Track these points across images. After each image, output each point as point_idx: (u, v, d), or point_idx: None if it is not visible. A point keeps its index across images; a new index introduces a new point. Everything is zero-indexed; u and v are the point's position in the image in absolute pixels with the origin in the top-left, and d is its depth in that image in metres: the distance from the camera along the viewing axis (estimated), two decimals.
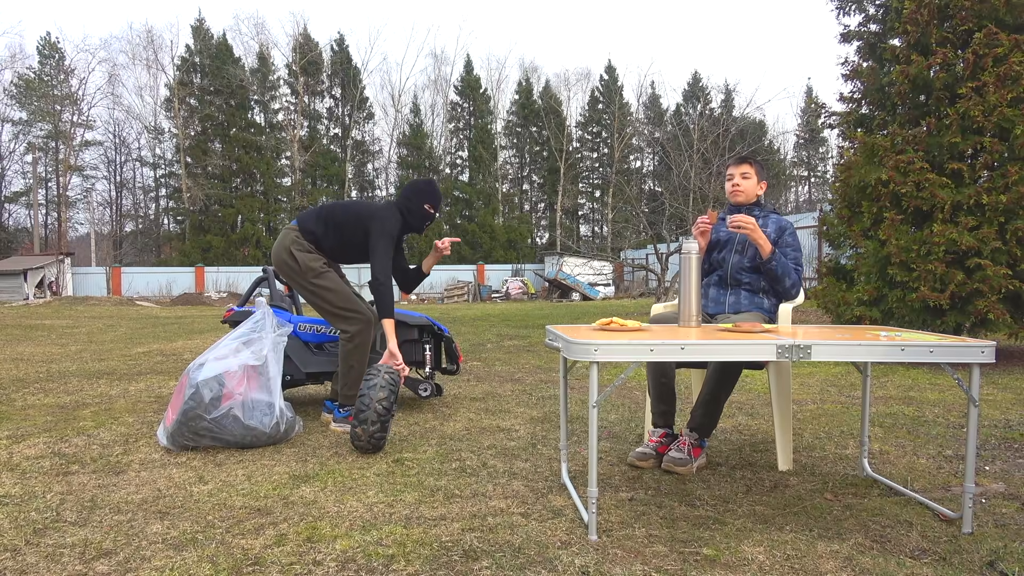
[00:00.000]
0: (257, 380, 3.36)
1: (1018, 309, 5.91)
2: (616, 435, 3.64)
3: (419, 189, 4.01)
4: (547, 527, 2.32)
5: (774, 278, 3.12)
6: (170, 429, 3.29)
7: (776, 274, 3.10)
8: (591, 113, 45.01)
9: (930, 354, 2.22)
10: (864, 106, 7.30)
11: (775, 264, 3.09)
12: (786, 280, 3.11)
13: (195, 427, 3.24)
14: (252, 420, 3.29)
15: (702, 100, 39.15)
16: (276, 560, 2.07)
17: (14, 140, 39.05)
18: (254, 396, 3.32)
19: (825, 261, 7.44)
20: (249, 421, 3.28)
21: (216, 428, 3.25)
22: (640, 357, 2.23)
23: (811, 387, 5.10)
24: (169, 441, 3.31)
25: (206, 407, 3.22)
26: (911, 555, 2.11)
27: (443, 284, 29.46)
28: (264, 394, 3.35)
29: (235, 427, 3.26)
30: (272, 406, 3.35)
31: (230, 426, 3.26)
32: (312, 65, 40.19)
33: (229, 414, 3.25)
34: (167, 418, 3.37)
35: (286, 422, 3.42)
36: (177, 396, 3.39)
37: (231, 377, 3.29)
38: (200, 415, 3.22)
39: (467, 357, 7.01)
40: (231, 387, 3.28)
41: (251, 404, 3.30)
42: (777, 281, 3.12)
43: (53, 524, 2.37)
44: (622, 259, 26.52)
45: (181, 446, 3.29)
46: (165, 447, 3.33)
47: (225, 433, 3.26)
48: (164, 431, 3.36)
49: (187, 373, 3.38)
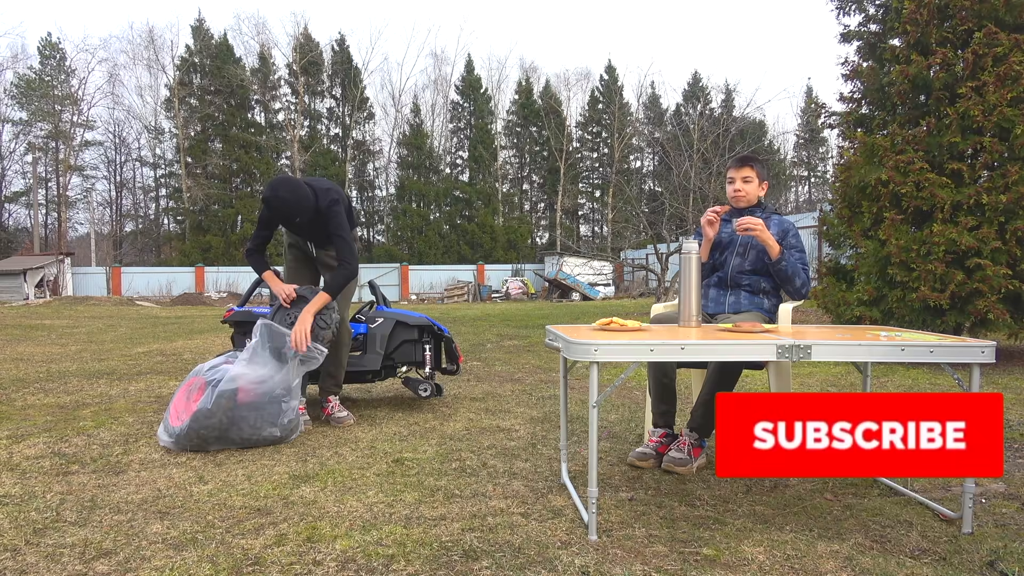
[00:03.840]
0: (268, 386, 3.37)
1: (1018, 309, 5.90)
2: (616, 435, 3.64)
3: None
4: (547, 527, 2.32)
5: (785, 278, 3.11)
6: (177, 431, 3.28)
7: (787, 274, 3.10)
8: (591, 113, 44.99)
9: (930, 354, 2.22)
10: (864, 106, 7.29)
11: (785, 264, 3.09)
12: (796, 280, 3.11)
13: (206, 435, 3.25)
14: (262, 425, 3.32)
15: (702, 100, 39.17)
16: (276, 560, 2.07)
17: (14, 140, 39.10)
18: (267, 403, 3.34)
19: (825, 261, 7.44)
20: (258, 425, 3.31)
21: (226, 434, 3.27)
22: (640, 357, 2.23)
23: (811, 387, 5.10)
24: (174, 443, 3.30)
25: (222, 415, 3.24)
26: (911, 555, 2.11)
27: (443, 284, 29.46)
28: (275, 402, 3.36)
29: (245, 431, 3.30)
30: (282, 411, 3.37)
31: (240, 431, 3.29)
32: (313, 65, 40.19)
33: (242, 421, 3.28)
34: (170, 418, 3.37)
35: (292, 425, 3.45)
36: (181, 398, 3.38)
37: (244, 386, 3.31)
38: (216, 423, 3.24)
39: (467, 357, 7.01)
40: (246, 395, 3.30)
41: (263, 409, 3.32)
42: (788, 281, 3.11)
43: (53, 524, 2.37)
44: (622, 259, 26.52)
45: (184, 448, 3.29)
46: (164, 447, 3.33)
47: (233, 436, 3.29)
48: (168, 432, 3.34)
49: (199, 375, 3.38)
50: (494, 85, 45.04)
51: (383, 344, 4.28)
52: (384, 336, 4.29)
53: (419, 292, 29.35)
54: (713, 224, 3.21)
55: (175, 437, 3.29)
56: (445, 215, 40.89)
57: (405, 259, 35.29)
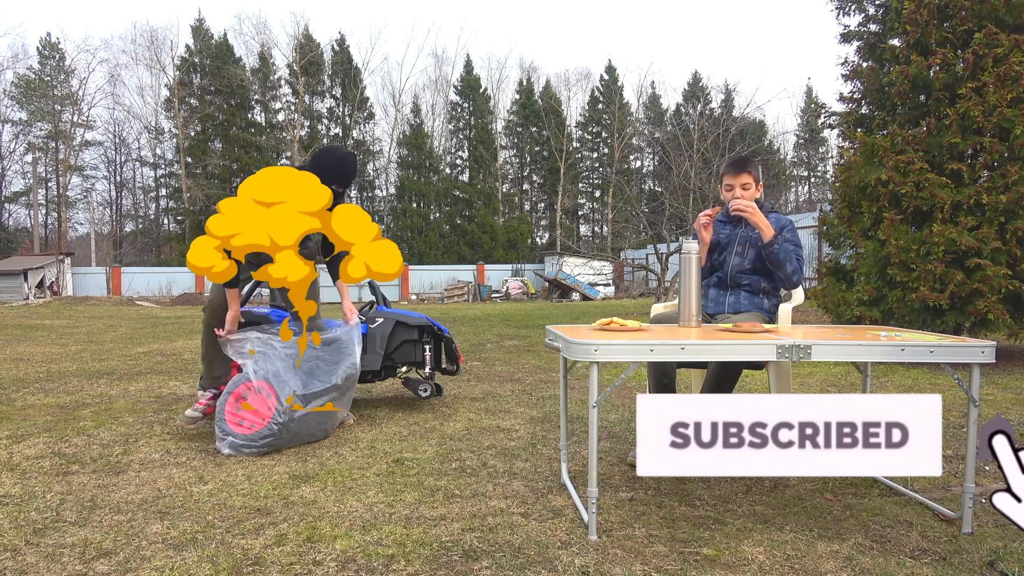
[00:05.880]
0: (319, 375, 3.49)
1: (1018, 309, 5.91)
2: (616, 435, 3.64)
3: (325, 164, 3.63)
4: (547, 527, 2.32)
5: (776, 263, 3.09)
6: (259, 435, 3.24)
7: (778, 258, 3.08)
8: (591, 113, 44.99)
9: (930, 354, 2.22)
10: (864, 106, 7.30)
11: (777, 248, 3.08)
12: (787, 265, 3.08)
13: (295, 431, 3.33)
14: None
15: (702, 100, 39.13)
16: (276, 560, 2.07)
17: (14, 140, 39.09)
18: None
19: (825, 261, 7.44)
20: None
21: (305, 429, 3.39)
22: (640, 357, 2.23)
23: (811, 387, 5.10)
24: (253, 450, 3.25)
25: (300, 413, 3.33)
26: (911, 555, 2.11)
27: (443, 284, 29.45)
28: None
29: (314, 426, 3.43)
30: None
31: (312, 425, 3.42)
32: (313, 65, 40.18)
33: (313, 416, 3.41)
34: (234, 423, 3.28)
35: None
36: (234, 406, 3.32)
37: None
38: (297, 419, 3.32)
39: (467, 357, 7.01)
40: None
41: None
42: (779, 267, 3.09)
43: (53, 524, 2.37)
44: (622, 259, 26.51)
45: (263, 452, 3.26)
46: (219, 450, 3.27)
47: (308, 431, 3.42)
48: (237, 441, 3.24)
49: (264, 380, 3.34)
50: (494, 85, 45.06)
51: (383, 344, 4.28)
52: (384, 336, 4.29)
53: (419, 292, 29.33)
54: (707, 227, 3.21)
55: (261, 444, 3.25)
56: (445, 215, 40.88)
57: (405, 259, 35.25)
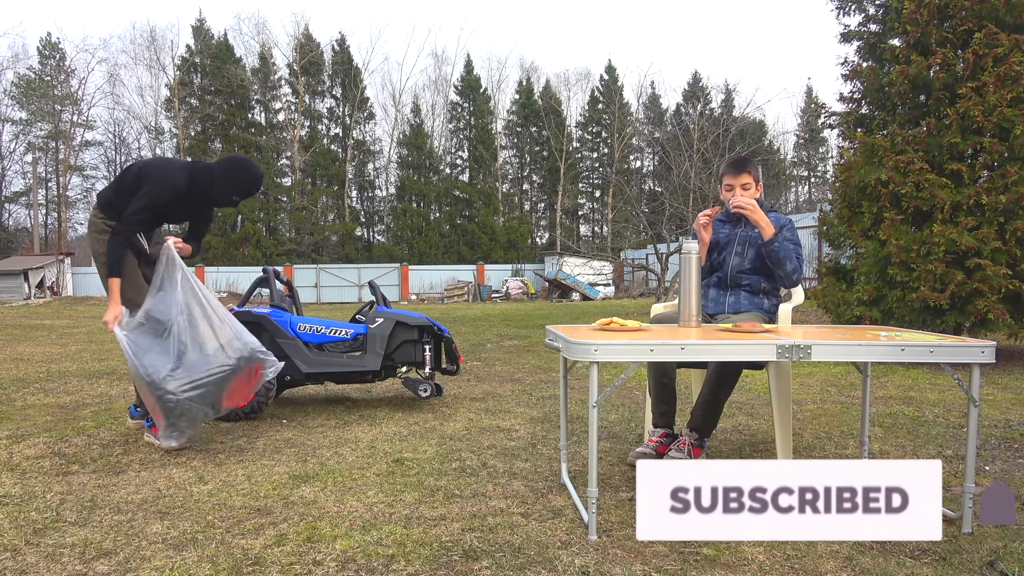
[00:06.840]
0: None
1: (1018, 309, 5.91)
2: (616, 435, 3.64)
3: (232, 175, 3.46)
4: (547, 527, 2.32)
5: (776, 261, 3.09)
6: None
7: (778, 256, 3.08)
8: (591, 113, 44.98)
9: (930, 354, 2.22)
10: (864, 106, 7.30)
11: (777, 246, 3.08)
12: (787, 263, 3.09)
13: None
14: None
15: (702, 100, 39.14)
16: (276, 560, 2.07)
17: (14, 140, 39.10)
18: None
19: (825, 261, 7.44)
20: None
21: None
22: (640, 357, 2.23)
23: (811, 387, 5.10)
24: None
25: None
26: (911, 555, 2.11)
27: (443, 284, 29.46)
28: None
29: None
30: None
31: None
32: (313, 65, 40.19)
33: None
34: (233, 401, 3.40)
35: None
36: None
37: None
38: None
39: (467, 357, 7.01)
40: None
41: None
42: (779, 264, 3.09)
43: (53, 524, 2.37)
44: (622, 259, 26.52)
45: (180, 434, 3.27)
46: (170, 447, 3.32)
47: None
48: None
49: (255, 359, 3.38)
50: (494, 85, 45.06)
51: (383, 344, 4.28)
52: (384, 336, 4.29)
53: (419, 292, 29.33)
54: (707, 227, 3.21)
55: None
56: (445, 215, 40.87)
57: (405, 259, 35.27)
